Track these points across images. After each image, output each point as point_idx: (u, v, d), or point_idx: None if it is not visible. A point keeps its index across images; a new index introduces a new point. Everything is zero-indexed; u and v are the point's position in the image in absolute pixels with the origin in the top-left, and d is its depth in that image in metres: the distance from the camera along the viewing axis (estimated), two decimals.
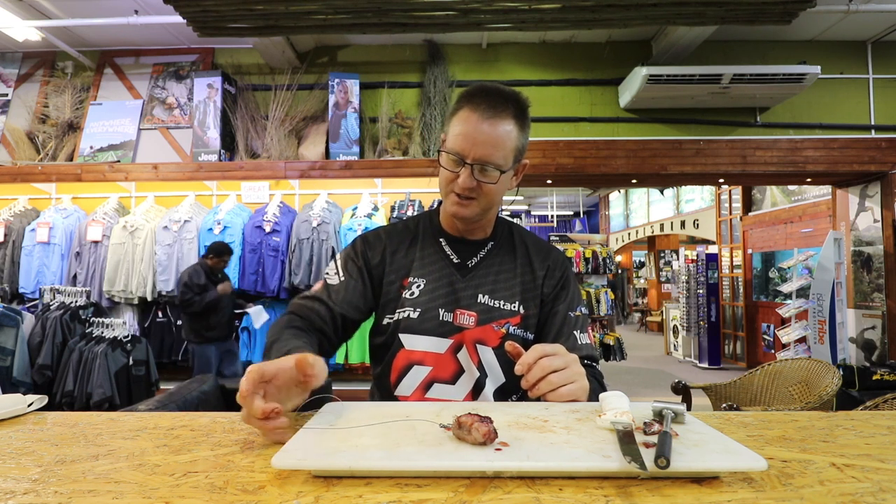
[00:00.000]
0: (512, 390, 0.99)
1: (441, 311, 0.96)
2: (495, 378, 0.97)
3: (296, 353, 0.68)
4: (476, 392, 0.95)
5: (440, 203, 1.07)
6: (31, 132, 4.17)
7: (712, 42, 3.97)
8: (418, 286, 0.97)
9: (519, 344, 0.86)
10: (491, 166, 0.91)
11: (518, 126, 0.93)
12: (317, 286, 1.00)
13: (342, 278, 0.99)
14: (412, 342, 0.96)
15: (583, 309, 1.03)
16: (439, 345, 0.95)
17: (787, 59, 3.97)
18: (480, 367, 0.96)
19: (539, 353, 0.76)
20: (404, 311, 0.96)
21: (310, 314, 0.95)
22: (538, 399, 0.78)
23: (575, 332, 0.98)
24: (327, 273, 1.01)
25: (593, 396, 0.83)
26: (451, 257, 1.01)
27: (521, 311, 0.98)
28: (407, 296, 0.97)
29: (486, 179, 0.92)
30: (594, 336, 4.84)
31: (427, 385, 0.95)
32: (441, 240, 1.03)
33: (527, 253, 1.04)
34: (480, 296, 0.97)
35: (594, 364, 0.98)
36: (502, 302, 0.98)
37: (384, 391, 0.99)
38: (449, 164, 0.93)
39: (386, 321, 0.98)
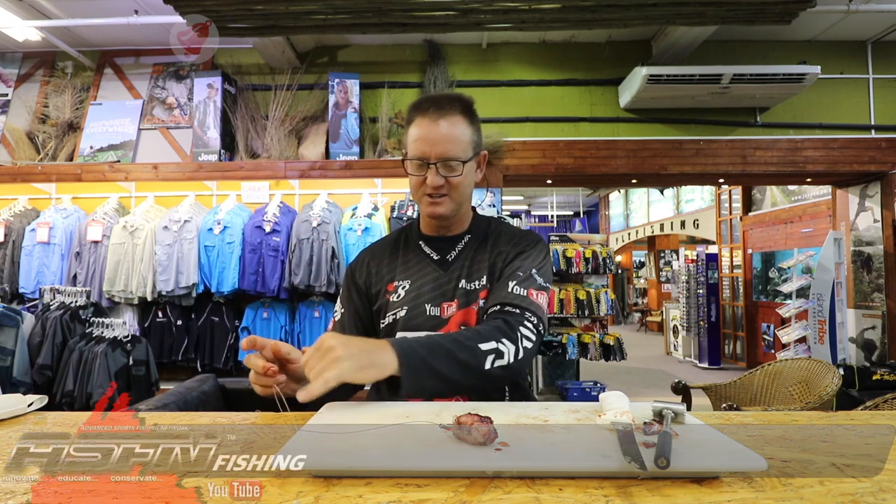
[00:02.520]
0: None
1: (428, 307, 1.01)
2: None
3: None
4: None
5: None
6: (31, 132, 4.17)
7: (712, 42, 3.97)
8: (403, 287, 1.04)
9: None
10: (453, 160, 0.98)
11: (467, 120, 1.01)
12: (329, 326, 1.12)
13: (343, 311, 1.10)
14: None
15: (535, 274, 0.99)
16: None
17: (787, 59, 3.97)
18: None
19: (304, 361, 0.76)
20: (394, 313, 1.02)
21: None
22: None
23: (511, 282, 0.97)
24: (336, 311, 1.12)
25: (444, 357, 0.81)
26: (432, 255, 1.07)
27: (487, 284, 1.02)
28: (394, 299, 1.03)
29: (452, 174, 0.99)
30: (594, 336, 4.85)
31: None
32: (421, 242, 1.10)
33: (497, 239, 1.09)
34: (461, 283, 1.03)
35: (521, 310, 0.92)
36: (476, 282, 1.03)
37: (382, 386, 1.01)
38: (415, 170, 1.01)
39: (381, 325, 1.05)
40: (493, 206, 3.86)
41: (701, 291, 7.04)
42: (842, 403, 3.52)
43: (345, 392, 0.98)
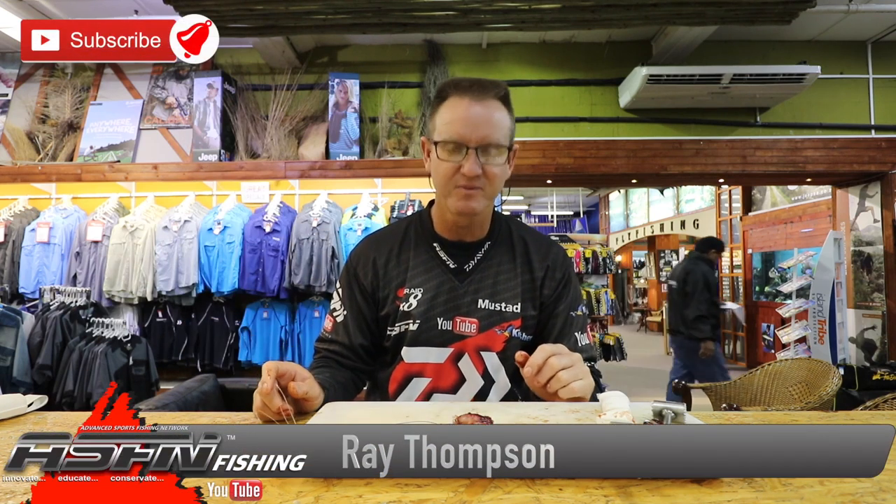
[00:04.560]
0: (516, 396, 0.97)
1: (440, 321, 0.93)
2: (501, 384, 0.95)
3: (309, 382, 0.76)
4: (478, 400, 0.94)
5: (430, 204, 1.05)
6: (31, 132, 4.17)
7: (712, 42, 3.97)
8: (415, 297, 0.94)
9: (517, 346, 0.88)
10: (495, 147, 0.88)
11: (506, 108, 0.92)
12: (328, 324, 1.00)
13: (346, 312, 0.98)
14: (411, 354, 0.94)
15: (583, 308, 1.01)
16: (439, 355, 0.94)
17: (787, 59, 3.97)
18: (486, 374, 0.94)
19: (547, 353, 0.76)
20: (405, 325, 0.94)
21: (333, 356, 0.97)
22: (538, 398, 0.78)
23: (576, 333, 0.97)
24: (334, 309, 1.01)
25: (593, 396, 0.84)
26: (448, 262, 0.97)
27: (522, 312, 0.95)
28: (405, 308, 0.94)
29: (492, 161, 0.89)
30: (594, 336, 4.85)
31: (427, 396, 0.94)
32: (435, 245, 0.99)
33: (526, 251, 1.00)
34: (481, 301, 0.94)
35: (592, 363, 0.97)
36: (504, 304, 0.95)
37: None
38: (448, 156, 0.88)
39: (387, 333, 0.97)
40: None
41: None
42: (842, 403, 3.52)
43: (354, 390, 0.97)
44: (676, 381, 2.92)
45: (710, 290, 3.79)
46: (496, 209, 1.08)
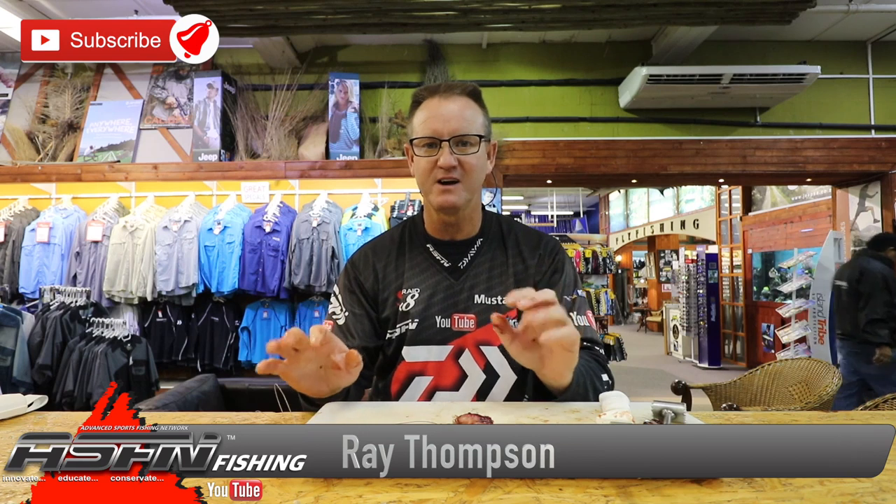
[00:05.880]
0: (524, 389, 0.97)
1: (438, 319, 0.95)
2: (506, 377, 0.95)
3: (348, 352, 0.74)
4: (482, 396, 0.94)
5: (422, 209, 1.07)
6: (31, 132, 4.17)
7: (712, 42, 3.97)
8: (413, 296, 0.97)
9: None
10: (467, 138, 0.93)
11: (478, 105, 0.98)
12: (328, 329, 1.01)
13: (347, 314, 0.99)
14: (412, 353, 0.95)
15: (580, 292, 1.01)
16: (439, 352, 0.94)
17: (787, 59, 3.97)
18: (488, 368, 0.94)
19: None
20: (405, 325, 0.96)
21: None
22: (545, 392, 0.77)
23: (571, 313, 0.96)
24: (334, 313, 1.01)
25: (590, 379, 0.85)
26: (442, 262, 1.00)
27: None
28: (403, 308, 0.96)
29: (466, 152, 0.93)
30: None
31: (430, 394, 0.94)
32: (428, 245, 1.01)
33: (517, 244, 1.02)
34: (477, 296, 0.96)
35: (595, 346, 0.96)
36: (500, 298, 0.96)
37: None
38: (425, 152, 0.93)
39: (388, 336, 0.98)
40: (494, 206, 3.86)
41: (701, 291, 7.05)
42: None
43: (357, 393, 0.96)
44: (676, 381, 2.91)
45: (891, 291, 3.40)
46: (487, 208, 1.08)
